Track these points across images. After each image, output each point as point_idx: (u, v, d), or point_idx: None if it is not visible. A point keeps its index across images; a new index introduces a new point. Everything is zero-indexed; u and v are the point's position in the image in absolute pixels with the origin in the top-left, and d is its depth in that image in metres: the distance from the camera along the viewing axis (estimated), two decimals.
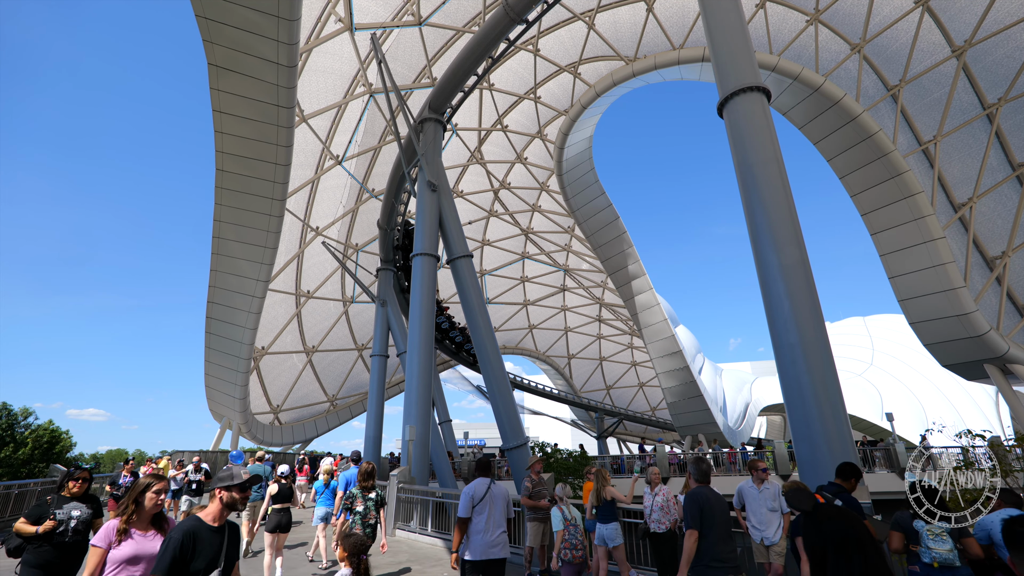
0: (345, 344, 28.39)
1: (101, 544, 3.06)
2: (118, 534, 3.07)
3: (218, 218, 16.03)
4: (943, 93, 18.71)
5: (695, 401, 28.38)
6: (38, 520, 4.27)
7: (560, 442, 28.88)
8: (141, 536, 3.14)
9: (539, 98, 24.69)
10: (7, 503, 12.40)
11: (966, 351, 18.75)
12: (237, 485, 3.07)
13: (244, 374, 20.94)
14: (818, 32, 19.18)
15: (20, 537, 4.24)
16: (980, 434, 11.68)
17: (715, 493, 4.37)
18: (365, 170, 23.52)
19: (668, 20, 20.43)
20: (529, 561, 7.40)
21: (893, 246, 19.24)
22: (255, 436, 25.32)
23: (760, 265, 7.51)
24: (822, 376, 6.66)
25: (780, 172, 7.81)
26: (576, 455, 23.30)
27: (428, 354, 13.36)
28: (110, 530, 3.09)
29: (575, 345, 42.14)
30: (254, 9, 11.23)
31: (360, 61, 18.84)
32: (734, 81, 8.47)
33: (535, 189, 30.52)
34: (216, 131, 13.65)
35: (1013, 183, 19.15)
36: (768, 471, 6.12)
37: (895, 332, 44.69)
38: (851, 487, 4.68)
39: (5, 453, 31.59)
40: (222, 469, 3.25)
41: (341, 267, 24.76)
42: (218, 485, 3.07)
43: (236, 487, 3.06)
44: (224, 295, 18.44)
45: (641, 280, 27.56)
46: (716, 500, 4.27)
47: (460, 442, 32.53)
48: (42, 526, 4.20)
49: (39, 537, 4.18)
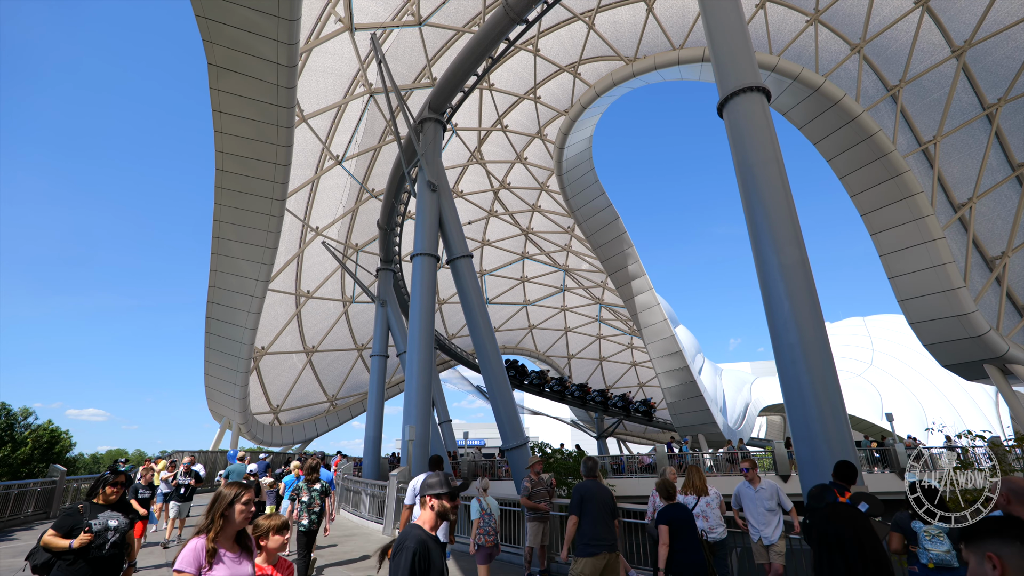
0: (345, 344, 28.39)
1: (189, 569, 2.56)
2: (208, 555, 2.59)
3: (218, 218, 16.03)
4: (943, 93, 18.72)
5: (695, 401, 28.38)
6: (70, 532, 3.78)
7: (562, 443, 28.91)
8: (232, 558, 2.68)
9: (539, 98, 24.69)
10: (7, 503, 12.40)
11: (966, 351, 18.76)
12: (447, 493, 2.76)
13: (244, 374, 20.94)
14: (818, 32, 19.18)
15: (49, 552, 3.74)
16: (980, 434, 11.69)
17: (598, 486, 5.12)
18: (365, 170, 23.52)
19: (668, 20, 20.44)
20: (529, 561, 7.40)
21: (893, 246, 19.24)
22: (255, 436, 25.32)
23: (760, 265, 7.51)
24: (822, 376, 6.66)
25: (780, 172, 7.81)
26: (575, 455, 23.33)
27: (428, 354, 13.35)
28: (198, 551, 2.59)
29: (575, 345, 42.15)
30: (254, 9, 11.22)
31: (360, 61, 18.84)
32: (734, 81, 8.46)
33: (535, 189, 30.52)
34: (216, 131, 13.64)
35: (1013, 183, 19.16)
36: (753, 470, 6.08)
37: (895, 332, 44.74)
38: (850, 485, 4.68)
39: (4, 453, 31.60)
40: (429, 475, 2.95)
41: (341, 267, 24.76)
42: (428, 492, 2.77)
43: (447, 495, 2.75)
44: (224, 295, 18.44)
45: (641, 280, 27.57)
46: (597, 491, 5.03)
47: (460, 442, 32.56)
48: (76, 540, 3.71)
49: (72, 552, 3.70)
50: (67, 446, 37.23)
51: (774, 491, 5.88)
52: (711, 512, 5.89)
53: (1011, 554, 1.66)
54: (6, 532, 11.61)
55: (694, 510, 5.86)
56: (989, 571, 1.70)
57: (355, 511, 14.05)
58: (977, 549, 1.75)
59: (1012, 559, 1.66)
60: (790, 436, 38.10)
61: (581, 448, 28.84)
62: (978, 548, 1.75)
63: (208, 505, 2.63)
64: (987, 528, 1.78)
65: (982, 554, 1.72)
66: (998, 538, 1.71)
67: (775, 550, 5.63)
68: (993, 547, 1.71)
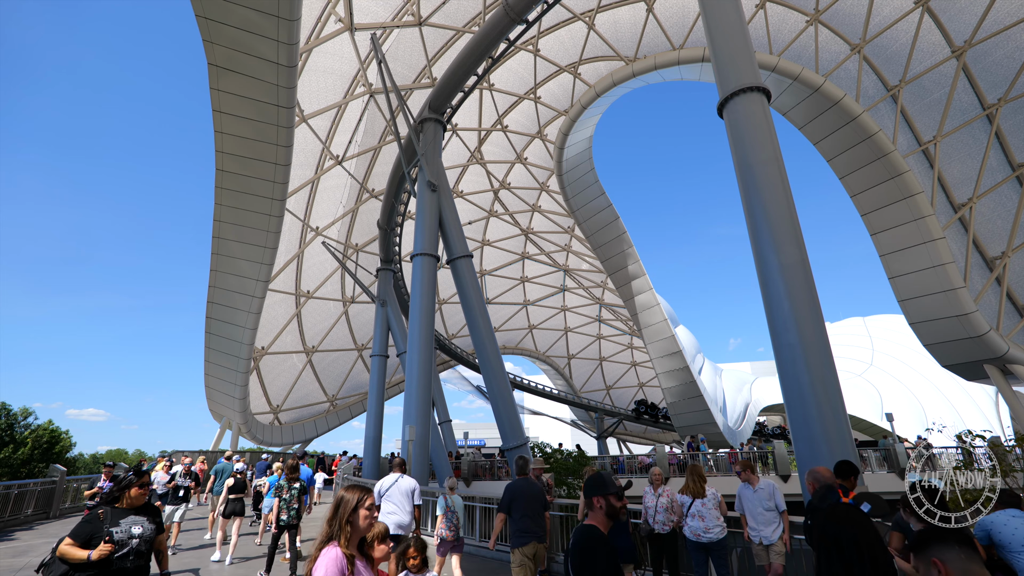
0: (345, 344, 28.39)
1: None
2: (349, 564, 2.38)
3: (218, 218, 16.03)
4: (943, 93, 18.71)
5: (695, 401, 28.37)
6: (88, 541, 3.40)
7: (560, 442, 28.90)
8: (363, 566, 2.49)
9: (539, 98, 24.69)
10: (7, 503, 12.40)
11: (966, 351, 18.75)
12: (615, 493, 2.66)
13: (244, 374, 20.94)
14: (818, 32, 19.18)
15: (66, 564, 3.35)
16: (980, 434, 11.68)
17: (528, 483, 5.72)
18: (365, 170, 23.52)
19: (668, 20, 20.44)
20: None
21: (893, 246, 19.24)
22: (255, 436, 25.32)
23: (760, 265, 7.51)
24: (822, 376, 6.66)
25: (780, 172, 7.81)
26: (575, 455, 23.32)
27: (428, 354, 13.35)
28: (341, 562, 2.36)
29: (575, 345, 42.14)
30: (254, 9, 11.22)
31: (360, 61, 18.84)
32: (734, 81, 8.46)
33: (535, 189, 30.52)
34: (216, 131, 13.64)
35: (1013, 183, 19.16)
36: (745, 471, 6.09)
37: (895, 332, 44.72)
38: (851, 485, 4.69)
39: (5, 453, 31.60)
40: (595, 474, 2.85)
41: (341, 267, 24.76)
42: (596, 493, 2.69)
43: (614, 494, 2.65)
44: (224, 295, 18.43)
45: (641, 280, 27.56)
46: (526, 489, 5.64)
47: (460, 442, 32.54)
48: (96, 551, 3.33)
49: (92, 564, 3.32)
50: (67, 446, 37.22)
51: (772, 491, 5.88)
52: (707, 512, 5.92)
53: (952, 557, 1.88)
54: (6, 532, 11.62)
55: (689, 510, 5.98)
56: (935, 575, 1.90)
57: None
58: (924, 556, 1.95)
59: (953, 562, 1.87)
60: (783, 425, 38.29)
61: (581, 448, 28.84)
62: (924, 555, 1.95)
63: (330, 511, 2.49)
64: (930, 536, 1.98)
65: (928, 560, 1.92)
66: (940, 544, 1.93)
67: (775, 550, 5.63)
68: (936, 552, 1.91)
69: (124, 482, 3.76)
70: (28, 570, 8.06)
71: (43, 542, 10.52)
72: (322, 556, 2.37)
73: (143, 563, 3.58)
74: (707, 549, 5.85)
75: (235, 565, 8.51)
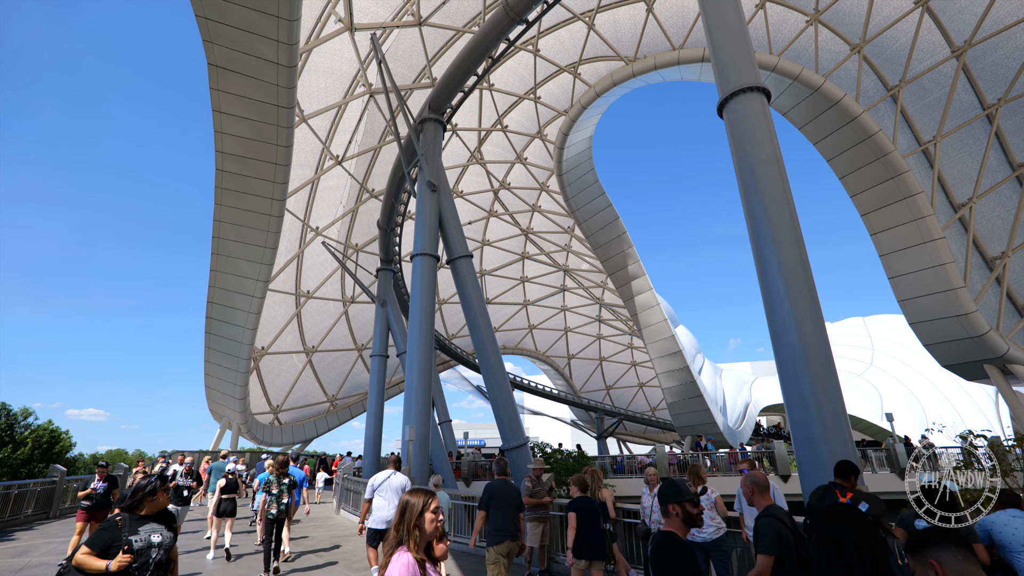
0: (345, 344, 28.39)
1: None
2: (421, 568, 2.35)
3: (218, 218, 16.03)
4: (943, 93, 18.72)
5: (695, 401, 28.37)
6: (106, 550, 3.27)
7: (560, 442, 28.91)
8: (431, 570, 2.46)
9: (539, 98, 24.70)
10: (7, 503, 12.41)
11: (966, 351, 18.76)
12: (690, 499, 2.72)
13: (244, 374, 20.94)
14: (818, 32, 19.19)
15: (82, 574, 3.24)
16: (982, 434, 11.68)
17: (506, 484, 5.95)
18: (365, 170, 23.52)
19: (668, 20, 20.44)
20: (529, 561, 7.40)
21: (893, 246, 19.25)
22: (255, 436, 25.32)
23: (760, 265, 7.50)
24: (822, 376, 6.65)
25: (780, 172, 7.81)
26: (575, 455, 23.34)
27: (428, 354, 13.35)
28: (412, 567, 2.32)
29: (575, 345, 42.14)
30: (254, 9, 11.22)
31: (360, 61, 18.84)
32: (734, 81, 8.46)
33: (535, 189, 30.53)
34: (216, 131, 13.64)
35: (1013, 183, 19.16)
36: (752, 471, 6.09)
37: (895, 332, 44.69)
38: (851, 485, 4.69)
39: (4, 453, 31.60)
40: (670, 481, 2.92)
41: (341, 267, 24.76)
42: (671, 500, 2.76)
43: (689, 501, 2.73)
44: (224, 295, 18.43)
45: (641, 280, 27.57)
46: (504, 489, 5.87)
47: (460, 442, 32.53)
48: (115, 561, 3.20)
49: (110, 574, 3.21)
50: (67, 446, 37.23)
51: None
52: (704, 513, 5.93)
53: (949, 559, 1.90)
54: (6, 532, 11.62)
55: None
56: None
57: (356, 511, 14.06)
58: (920, 558, 1.97)
59: (950, 563, 1.89)
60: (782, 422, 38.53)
61: (581, 448, 28.86)
62: (921, 557, 1.97)
63: (397, 516, 2.48)
64: (926, 538, 2.00)
65: (925, 562, 1.94)
66: (936, 545, 1.95)
67: None
68: (933, 554, 1.93)
69: (149, 487, 3.52)
70: (28, 570, 8.06)
71: (43, 542, 10.52)
72: (393, 562, 2.33)
73: (163, 574, 3.43)
74: (704, 549, 5.85)
75: (235, 564, 8.54)
